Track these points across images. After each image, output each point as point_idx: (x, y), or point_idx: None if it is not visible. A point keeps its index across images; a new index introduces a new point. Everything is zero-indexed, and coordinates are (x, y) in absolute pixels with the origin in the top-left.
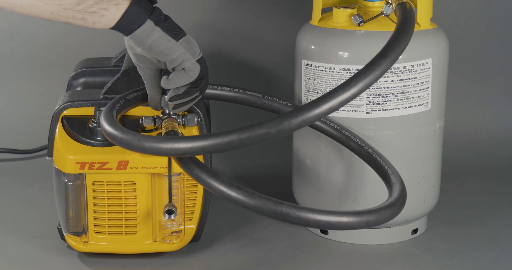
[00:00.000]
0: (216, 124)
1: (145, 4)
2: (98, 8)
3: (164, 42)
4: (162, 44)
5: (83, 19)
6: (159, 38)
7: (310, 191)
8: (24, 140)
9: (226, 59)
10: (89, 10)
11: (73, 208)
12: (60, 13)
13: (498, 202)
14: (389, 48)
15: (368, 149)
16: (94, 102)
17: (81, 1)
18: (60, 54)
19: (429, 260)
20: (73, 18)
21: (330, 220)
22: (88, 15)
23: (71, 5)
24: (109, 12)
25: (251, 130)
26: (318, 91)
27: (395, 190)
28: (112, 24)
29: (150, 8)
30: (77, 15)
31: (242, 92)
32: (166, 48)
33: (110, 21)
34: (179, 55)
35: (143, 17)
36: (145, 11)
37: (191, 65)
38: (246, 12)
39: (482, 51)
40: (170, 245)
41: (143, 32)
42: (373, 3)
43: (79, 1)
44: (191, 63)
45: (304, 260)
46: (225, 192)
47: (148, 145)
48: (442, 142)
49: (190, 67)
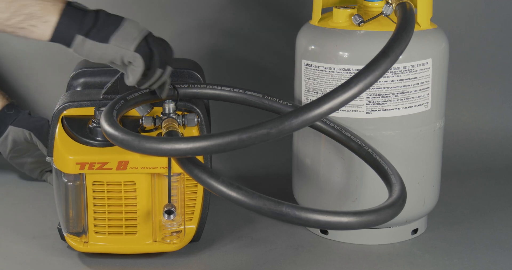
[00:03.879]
0: (216, 124)
1: (74, 14)
2: (27, 24)
3: (96, 49)
4: (96, 52)
5: (14, 33)
6: (91, 48)
7: (310, 191)
8: None
9: (226, 59)
10: (19, 26)
11: (73, 208)
12: None
13: (498, 202)
14: (389, 48)
15: (368, 149)
16: (94, 102)
17: (11, 18)
18: (60, 54)
19: (429, 260)
20: (5, 31)
21: (330, 220)
22: (18, 30)
23: (0, 20)
24: (38, 28)
25: (252, 130)
26: (318, 91)
27: (395, 190)
28: (46, 39)
29: (79, 18)
30: (7, 29)
31: (242, 92)
32: (102, 54)
33: (41, 37)
34: (115, 55)
35: (72, 33)
36: (74, 25)
37: (131, 57)
38: (246, 12)
39: (482, 51)
40: (170, 245)
41: (76, 47)
42: (373, 3)
43: (8, 17)
44: (129, 56)
45: (304, 260)
46: (225, 192)
47: (148, 145)
48: (442, 142)
49: (131, 58)
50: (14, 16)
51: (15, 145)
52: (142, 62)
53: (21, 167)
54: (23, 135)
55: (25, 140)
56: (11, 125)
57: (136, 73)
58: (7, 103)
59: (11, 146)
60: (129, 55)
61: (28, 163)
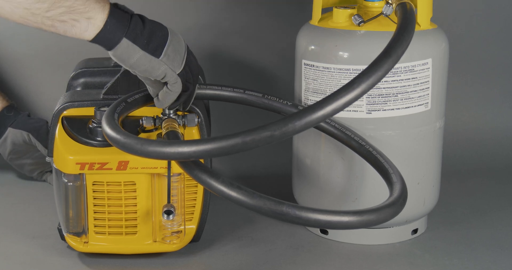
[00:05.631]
0: (216, 124)
1: (120, 17)
2: (68, 18)
3: (146, 62)
4: (144, 63)
5: (53, 26)
6: (140, 59)
7: (310, 191)
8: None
9: (226, 59)
10: (59, 19)
11: (73, 208)
12: (29, 18)
13: (498, 202)
14: (390, 49)
15: (369, 148)
16: (94, 103)
17: (50, 8)
18: (60, 54)
19: (429, 260)
20: (43, 24)
21: (330, 220)
22: (58, 23)
23: (39, 10)
24: (80, 23)
25: (255, 133)
26: (318, 91)
27: (396, 189)
28: (87, 38)
29: (126, 22)
30: (46, 22)
31: (242, 92)
32: (150, 67)
33: (83, 33)
34: (161, 72)
35: (118, 36)
36: (121, 27)
37: (173, 80)
38: (246, 12)
39: (482, 51)
40: (170, 246)
41: (123, 54)
42: (373, 3)
43: (48, 8)
44: (173, 78)
45: (304, 260)
46: (225, 192)
47: (151, 149)
48: (442, 142)
49: (172, 82)
50: (53, 7)
51: (14, 147)
52: (180, 87)
53: (21, 169)
54: (22, 136)
55: (24, 141)
56: (10, 127)
57: (171, 97)
58: (6, 105)
59: (11, 148)
60: (173, 78)
61: (28, 164)
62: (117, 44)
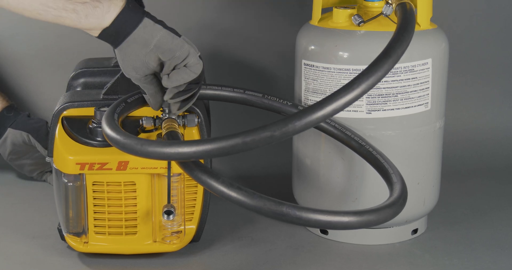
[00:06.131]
0: (216, 124)
1: (138, 6)
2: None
3: (170, 39)
4: (168, 41)
5: (74, 11)
6: (163, 37)
7: (310, 191)
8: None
9: (226, 59)
10: (81, 0)
11: (73, 208)
12: (50, 4)
13: (498, 202)
14: (390, 49)
15: (369, 148)
16: (94, 103)
17: None
18: (60, 54)
19: (429, 260)
20: (64, 10)
21: (330, 220)
22: (80, 6)
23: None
24: (102, 4)
25: (255, 133)
26: (318, 91)
27: (396, 189)
28: (109, 19)
29: (143, 10)
30: (68, 6)
31: (242, 92)
32: (174, 45)
33: (104, 15)
34: (184, 50)
35: (140, 15)
36: (140, 8)
37: (195, 60)
38: (246, 12)
39: (482, 51)
40: (170, 246)
41: (146, 32)
42: (373, 3)
43: None
44: (195, 58)
45: (304, 260)
46: (225, 192)
47: (151, 149)
48: (442, 142)
49: (194, 62)
50: None
51: (14, 147)
52: (201, 69)
53: (21, 169)
54: (21, 137)
55: (23, 142)
56: (10, 127)
57: (187, 78)
58: (6, 105)
59: (10, 148)
60: (196, 57)
61: (28, 164)
62: (139, 23)
